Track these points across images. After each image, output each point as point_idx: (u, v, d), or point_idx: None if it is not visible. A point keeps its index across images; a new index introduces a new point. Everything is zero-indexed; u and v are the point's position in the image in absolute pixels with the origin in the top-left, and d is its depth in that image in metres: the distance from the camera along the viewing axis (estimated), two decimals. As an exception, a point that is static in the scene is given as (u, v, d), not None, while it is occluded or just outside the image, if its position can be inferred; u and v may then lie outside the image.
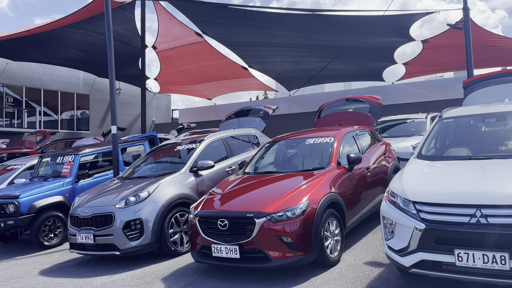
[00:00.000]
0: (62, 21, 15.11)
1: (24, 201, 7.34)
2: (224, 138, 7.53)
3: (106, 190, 6.56)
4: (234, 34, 17.87)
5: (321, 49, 17.04)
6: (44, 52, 19.02)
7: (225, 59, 20.60)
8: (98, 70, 22.68)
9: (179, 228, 6.06)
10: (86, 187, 8.24)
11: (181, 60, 21.37)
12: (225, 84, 23.57)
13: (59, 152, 8.73)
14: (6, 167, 9.96)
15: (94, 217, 5.86)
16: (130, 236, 5.68)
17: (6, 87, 21.40)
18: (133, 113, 26.68)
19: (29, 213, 7.33)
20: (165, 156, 7.56)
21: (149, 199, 5.87)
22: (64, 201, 7.81)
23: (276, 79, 21.66)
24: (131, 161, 9.17)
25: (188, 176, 6.49)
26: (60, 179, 8.04)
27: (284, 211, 4.44)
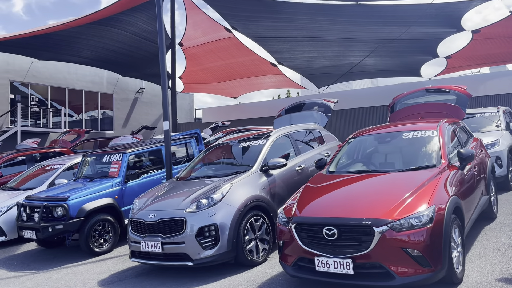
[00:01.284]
0: (89, 17, 14.56)
1: (73, 203, 6.70)
2: (290, 134, 6.80)
3: (169, 191, 5.87)
4: (265, 29, 17.14)
5: (357, 42, 16.22)
6: (68, 51, 18.52)
7: (254, 56, 19.89)
8: (122, 69, 22.15)
9: (254, 235, 5.35)
10: (135, 189, 7.59)
11: (208, 57, 20.72)
12: (252, 82, 22.85)
13: (104, 150, 8.09)
14: (44, 166, 9.37)
15: (161, 222, 5.16)
16: (204, 244, 4.98)
17: (31, 87, 20.98)
18: (156, 112, 26.13)
19: (78, 217, 6.68)
20: (225, 154, 6.85)
21: (223, 202, 5.16)
22: (113, 204, 7.16)
23: (306, 75, 20.86)
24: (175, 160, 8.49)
25: (260, 176, 5.77)
26: (107, 179, 7.39)
27: (407, 218, 3.69)
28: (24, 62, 20.29)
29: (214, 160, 6.87)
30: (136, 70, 22.16)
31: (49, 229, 6.60)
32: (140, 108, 25.26)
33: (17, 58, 19.96)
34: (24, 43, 16.69)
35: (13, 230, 7.93)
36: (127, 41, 18.39)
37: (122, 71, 22.41)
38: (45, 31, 15.38)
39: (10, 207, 7.98)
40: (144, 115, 25.38)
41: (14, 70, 20.13)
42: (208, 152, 7.06)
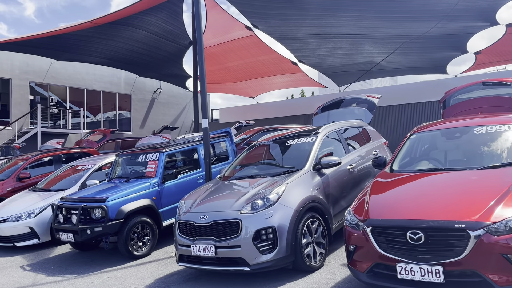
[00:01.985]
0: (109, 16, 14.34)
1: (112, 205, 6.41)
2: (338, 130, 6.45)
3: (216, 192, 5.54)
4: (287, 26, 16.80)
5: (383, 39, 15.79)
6: (87, 51, 18.35)
7: (274, 54, 19.56)
8: (140, 70, 21.97)
9: (311, 238, 5.00)
10: (172, 189, 7.30)
11: (227, 56, 20.44)
12: (270, 81, 22.53)
13: (140, 150, 7.80)
14: (74, 167, 9.13)
15: (214, 224, 4.83)
16: (262, 248, 4.64)
17: (50, 88, 20.90)
18: (174, 113, 25.95)
19: (117, 219, 6.40)
20: (269, 153, 6.51)
21: (280, 203, 4.82)
22: (152, 205, 6.87)
23: (327, 73, 20.46)
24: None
25: (313, 175, 5.42)
26: (144, 180, 7.10)
27: (505, 221, 3.32)
28: (44, 63, 20.21)
29: (257, 159, 6.53)
30: (153, 70, 21.96)
31: (87, 232, 6.33)
32: (157, 109, 25.08)
33: (36, 59, 19.88)
34: (44, 43, 16.57)
35: (46, 232, 7.70)
36: (146, 41, 18.17)
37: (139, 71, 22.23)
38: (65, 30, 15.21)
39: (43, 209, 7.73)
40: (161, 115, 25.19)
41: (34, 71, 20.07)
42: (250, 150, 6.73)
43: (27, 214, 7.63)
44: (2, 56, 18.91)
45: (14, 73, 19.38)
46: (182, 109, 26.58)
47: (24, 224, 7.55)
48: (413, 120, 15.20)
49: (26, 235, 7.59)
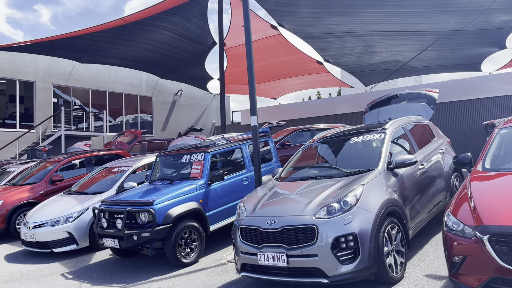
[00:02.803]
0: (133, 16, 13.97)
1: (159, 208, 5.94)
2: (405, 127, 5.90)
3: (278, 194, 5.03)
4: (315, 25, 16.28)
5: (416, 35, 15.16)
6: (110, 53, 18.08)
7: (299, 54, 19.05)
8: (162, 71, 21.66)
9: (391, 246, 4.46)
10: (218, 192, 6.82)
11: (251, 56, 19.99)
12: (294, 82, 22.01)
13: (182, 150, 7.33)
14: (109, 169, 8.72)
15: (285, 230, 4.31)
16: (342, 258, 4.11)
17: (73, 90, 20.68)
18: (194, 115, 25.58)
19: (165, 223, 5.93)
20: (328, 152, 5.98)
21: (359, 207, 4.29)
22: (199, 209, 6.39)
23: (353, 73, 19.87)
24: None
25: (387, 176, 4.87)
26: (190, 181, 6.63)
27: None
28: (67, 66, 20.00)
29: (315, 158, 6.00)
30: (175, 72, 21.63)
31: (134, 237, 5.86)
32: (178, 111, 24.73)
33: (59, 61, 19.70)
34: (68, 45, 16.30)
35: (84, 237, 7.28)
36: (170, 41, 17.82)
37: (161, 73, 21.92)
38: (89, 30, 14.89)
39: (81, 213, 7.32)
40: (182, 118, 24.84)
41: (57, 74, 19.87)
42: (306, 150, 6.21)
43: (64, 218, 7.22)
44: (26, 59, 18.75)
45: (37, 76, 19.20)
46: (203, 111, 26.20)
47: (62, 229, 7.14)
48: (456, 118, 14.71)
49: (64, 240, 7.17)
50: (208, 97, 26.42)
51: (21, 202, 8.84)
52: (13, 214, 8.73)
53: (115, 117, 22.62)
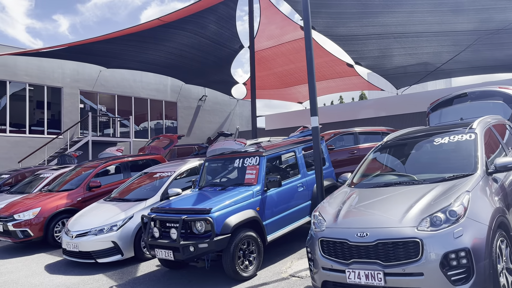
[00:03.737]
0: (170, 16, 13.58)
1: (218, 217, 5.41)
2: (492, 127, 5.26)
3: (363, 201, 4.46)
4: (347, 26, 15.72)
5: (456, 35, 14.46)
6: (137, 57, 17.79)
7: (329, 57, 18.50)
8: (187, 76, 21.31)
9: (502, 263, 3.82)
10: (274, 199, 6.27)
11: (278, 60, 19.53)
12: (322, 86, 21.41)
13: (234, 154, 6.80)
14: (149, 174, 8.25)
15: (381, 244, 3.73)
16: (454, 278, 3.49)
17: (99, 96, 20.47)
18: (218, 120, 25.17)
19: (224, 233, 5.39)
20: (404, 154, 5.37)
21: (468, 217, 3.68)
22: (257, 217, 5.84)
23: (385, 76, 19.19)
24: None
25: (487, 181, 4.24)
26: (245, 187, 6.09)
27: None
28: (93, 71, 19.82)
29: (394, 161, 5.39)
30: (200, 76, 21.28)
31: (190, 249, 5.33)
32: (202, 116, 24.37)
33: (86, 67, 19.52)
34: (96, 50, 16.05)
35: (129, 247, 6.79)
36: (197, 45, 17.44)
37: (186, 78, 21.58)
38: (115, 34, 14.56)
39: (125, 221, 6.84)
40: (207, 123, 24.46)
41: (84, 80, 19.69)
42: (377, 153, 5.61)
43: (109, 227, 6.75)
44: (54, 65, 18.61)
45: (65, 82, 19.04)
46: (227, 116, 25.78)
47: (106, 238, 6.66)
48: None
49: (109, 250, 6.69)
50: (232, 102, 26.01)
51: (58, 210, 8.43)
52: (51, 222, 8.32)
53: (139, 123, 22.34)
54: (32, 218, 8.16)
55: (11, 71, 17.39)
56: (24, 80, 17.77)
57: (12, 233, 8.16)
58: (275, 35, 17.87)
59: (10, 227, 8.14)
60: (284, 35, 17.66)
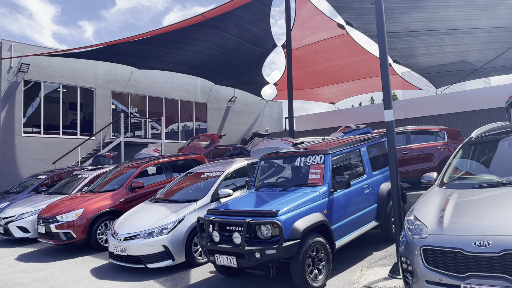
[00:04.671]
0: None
1: (285, 220, 4.88)
2: None
3: (467, 206, 3.83)
4: (386, 22, 14.96)
5: (507, 31, 13.57)
6: (168, 58, 17.52)
7: (366, 55, 17.80)
8: (217, 77, 20.95)
9: None
10: (341, 201, 5.70)
11: (312, 59, 18.93)
12: (356, 85, 20.71)
13: (295, 152, 6.26)
14: (197, 174, 7.79)
15: (508, 255, 3.13)
16: None
17: (130, 97, 20.32)
18: (248, 122, 24.73)
19: (292, 239, 4.84)
20: (503, 151, 4.72)
21: None
22: (325, 221, 5.28)
23: (424, 74, 18.35)
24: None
25: None
26: (310, 188, 5.54)
27: None
28: (125, 72, 19.69)
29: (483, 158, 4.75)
30: (230, 77, 20.88)
31: (256, 255, 4.81)
32: (232, 118, 23.98)
33: (118, 68, 19.41)
34: (129, 50, 15.83)
35: (180, 251, 6.33)
36: (229, 45, 17.03)
37: (216, 79, 21.24)
38: (149, 34, 14.23)
39: (176, 224, 6.39)
40: (236, 124, 24.05)
41: (115, 81, 19.57)
42: (467, 149, 4.97)
43: (159, 230, 6.31)
44: (87, 66, 18.54)
45: (97, 83, 18.94)
46: (256, 118, 25.32)
47: (157, 242, 6.22)
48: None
49: (159, 255, 6.24)
50: (261, 103, 25.55)
51: (102, 211, 8.07)
52: (94, 224, 7.96)
53: (168, 124, 22.09)
54: (75, 219, 7.82)
55: (46, 72, 17.38)
56: (58, 81, 17.74)
57: (54, 235, 7.85)
58: (310, 33, 17.30)
59: (52, 229, 7.83)
60: (319, 33, 17.07)
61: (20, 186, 12.40)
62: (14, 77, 16.43)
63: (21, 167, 16.27)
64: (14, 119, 16.40)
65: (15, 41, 16.53)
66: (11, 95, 16.34)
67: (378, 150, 6.89)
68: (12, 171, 16.06)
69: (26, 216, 9.23)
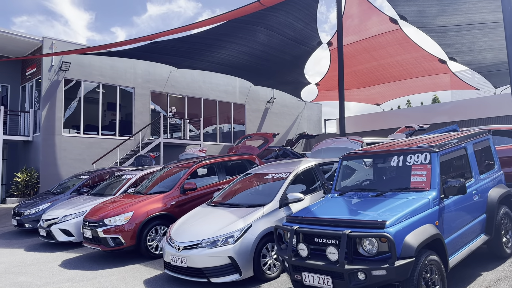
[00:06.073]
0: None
1: (396, 233, 3.88)
2: None
3: None
4: (446, 15, 13.76)
5: None
6: (208, 57, 16.79)
7: (419, 52, 16.53)
8: (257, 77, 20.08)
9: None
10: (452, 209, 4.64)
11: (359, 57, 17.79)
12: (405, 85, 19.40)
13: (388, 150, 5.24)
14: (257, 176, 6.89)
15: None
16: None
17: (169, 97, 19.77)
18: (286, 124, 23.77)
19: (405, 257, 3.83)
20: None
21: None
22: (439, 235, 4.22)
23: (482, 73, 16.91)
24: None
25: None
26: (413, 194, 4.51)
27: None
28: (164, 72, 19.17)
29: None
30: (270, 77, 19.99)
31: (359, 276, 3.82)
32: (270, 119, 23.08)
33: (157, 67, 18.91)
34: (170, 49, 15.16)
35: (248, 264, 5.40)
36: (272, 43, 16.14)
37: (256, 79, 20.40)
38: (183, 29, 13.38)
39: (243, 232, 5.48)
40: (275, 126, 23.12)
41: (155, 80, 19.06)
42: None
43: (224, 238, 5.41)
44: (127, 65, 18.11)
45: (137, 82, 18.48)
46: (294, 119, 24.34)
47: (222, 253, 5.32)
48: None
49: (225, 267, 5.33)
50: (300, 105, 24.56)
51: (152, 215, 7.27)
52: (144, 229, 7.17)
53: (206, 125, 21.42)
54: (124, 223, 7.06)
55: (86, 71, 17.03)
56: (98, 80, 17.36)
57: (102, 240, 7.10)
58: (359, 29, 16.20)
59: (100, 233, 7.09)
60: (369, 29, 15.96)
61: (61, 187, 11.89)
62: (55, 76, 16.13)
63: (61, 167, 15.91)
64: (55, 118, 16.08)
65: (56, 39, 16.25)
66: (52, 94, 16.03)
67: (483, 150, 5.77)
68: (52, 171, 15.72)
69: (69, 219, 8.58)
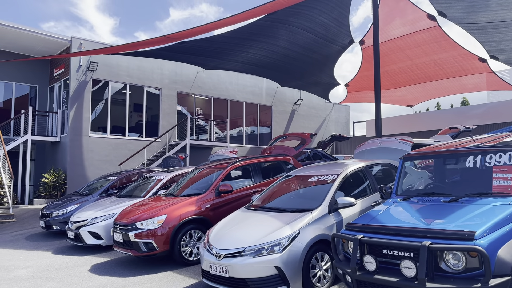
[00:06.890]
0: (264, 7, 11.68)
1: (488, 246, 3.25)
2: None
3: None
4: (488, 10, 12.89)
5: None
6: (234, 57, 16.30)
7: (458, 50, 15.64)
8: (284, 78, 19.51)
9: None
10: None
11: (392, 56, 17.01)
12: (440, 86, 18.46)
13: (461, 150, 4.60)
14: (302, 178, 6.31)
15: None
16: None
17: (195, 98, 19.42)
18: (313, 126, 23.09)
19: (500, 275, 3.20)
20: None
21: None
22: (535, 248, 3.57)
23: (527, 72, 15.94)
24: None
25: None
26: (497, 200, 3.85)
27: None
28: (191, 72, 18.84)
29: None
30: (298, 78, 19.38)
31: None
32: (297, 121, 22.46)
33: (184, 68, 18.59)
34: (198, 48, 14.74)
35: (297, 276, 4.83)
36: (301, 41, 15.54)
37: (283, 80, 19.83)
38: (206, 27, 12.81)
39: (291, 239, 4.91)
40: (301, 128, 22.48)
41: (181, 81, 18.75)
42: None
43: (269, 246, 4.86)
44: (154, 65, 17.86)
45: (163, 83, 18.20)
46: (322, 122, 23.64)
47: (268, 262, 4.76)
48: None
49: (271, 279, 4.77)
50: (327, 106, 23.86)
51: (186, 218, 6.78)
52: (178, 233, 6.69)
53: (232, 127, 20.97)
54: (157, 227, 6.60)
55: (114, 71, 16.85)
56: (125, 80, 17.15)
57: (133, 244, 6.66)
58: (393, 27, 15.46)
59: (131, 237, 6.65)
60: (405, 26, 15.19)
61: (88, 188, 11.61)
62: (83, 76, 15.99)
63: (88, 168, 15.72)
64: (82, 119, 15.92)
65: (84, 39, 16.13)
66: (79, 94, 15.90)
67: None
68: (79, 171, 15.54)
69: (98, 221, 8.20)
